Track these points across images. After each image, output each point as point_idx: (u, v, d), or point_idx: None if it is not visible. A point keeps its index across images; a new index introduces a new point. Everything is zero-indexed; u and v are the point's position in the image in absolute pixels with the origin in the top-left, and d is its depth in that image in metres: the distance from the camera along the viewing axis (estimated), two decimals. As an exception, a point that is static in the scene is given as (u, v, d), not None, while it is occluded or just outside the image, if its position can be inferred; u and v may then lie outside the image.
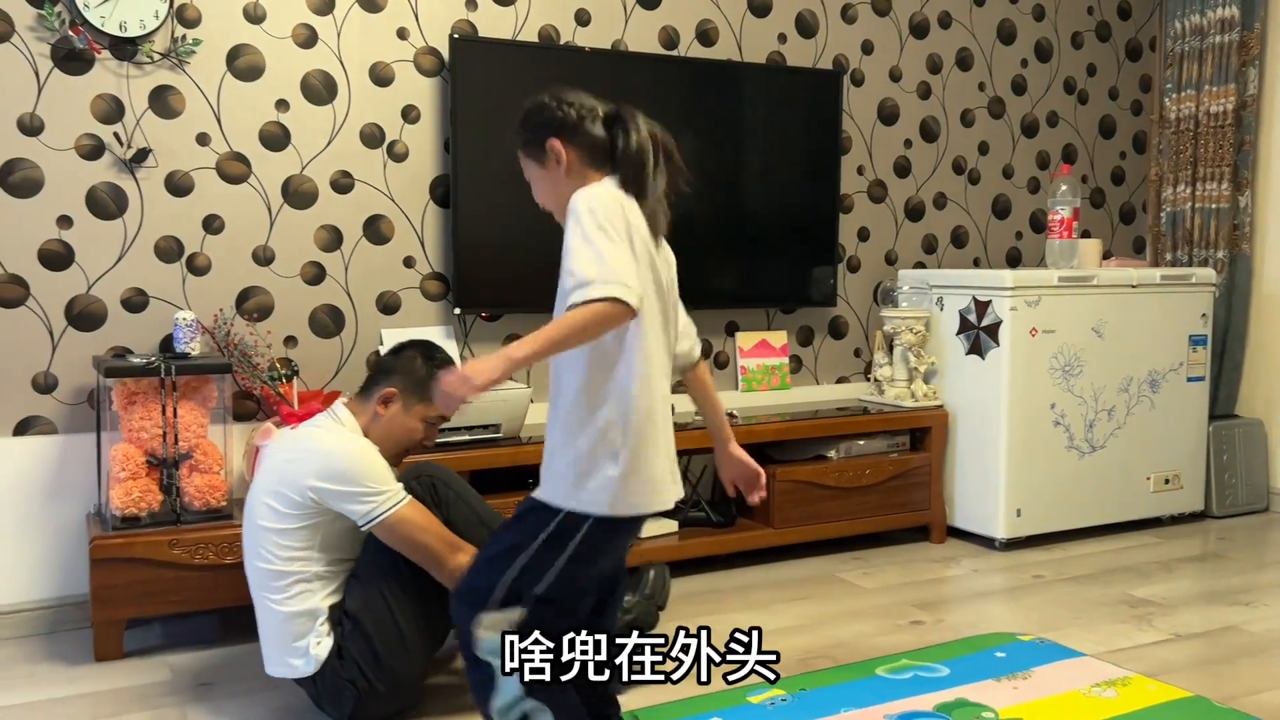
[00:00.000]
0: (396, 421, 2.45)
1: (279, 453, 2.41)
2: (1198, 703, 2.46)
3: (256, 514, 2.35)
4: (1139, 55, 4.74)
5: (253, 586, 2.38)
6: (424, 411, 2.47)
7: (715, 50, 3.83)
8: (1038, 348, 3.74)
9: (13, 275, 2.96)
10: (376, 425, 2.44)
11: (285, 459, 2.36)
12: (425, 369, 2.47)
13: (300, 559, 2.31)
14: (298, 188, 3.26)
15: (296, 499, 2.29)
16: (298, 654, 2.32)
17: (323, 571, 2.33)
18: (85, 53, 2.98)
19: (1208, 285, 4.12)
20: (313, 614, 2.32)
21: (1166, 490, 4.08)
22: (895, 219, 4.23)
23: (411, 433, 2.47)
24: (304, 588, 2.31)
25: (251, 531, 2.36)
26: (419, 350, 2.51)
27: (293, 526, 2.30)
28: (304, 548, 2.31)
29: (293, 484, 2.29)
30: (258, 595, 2.37)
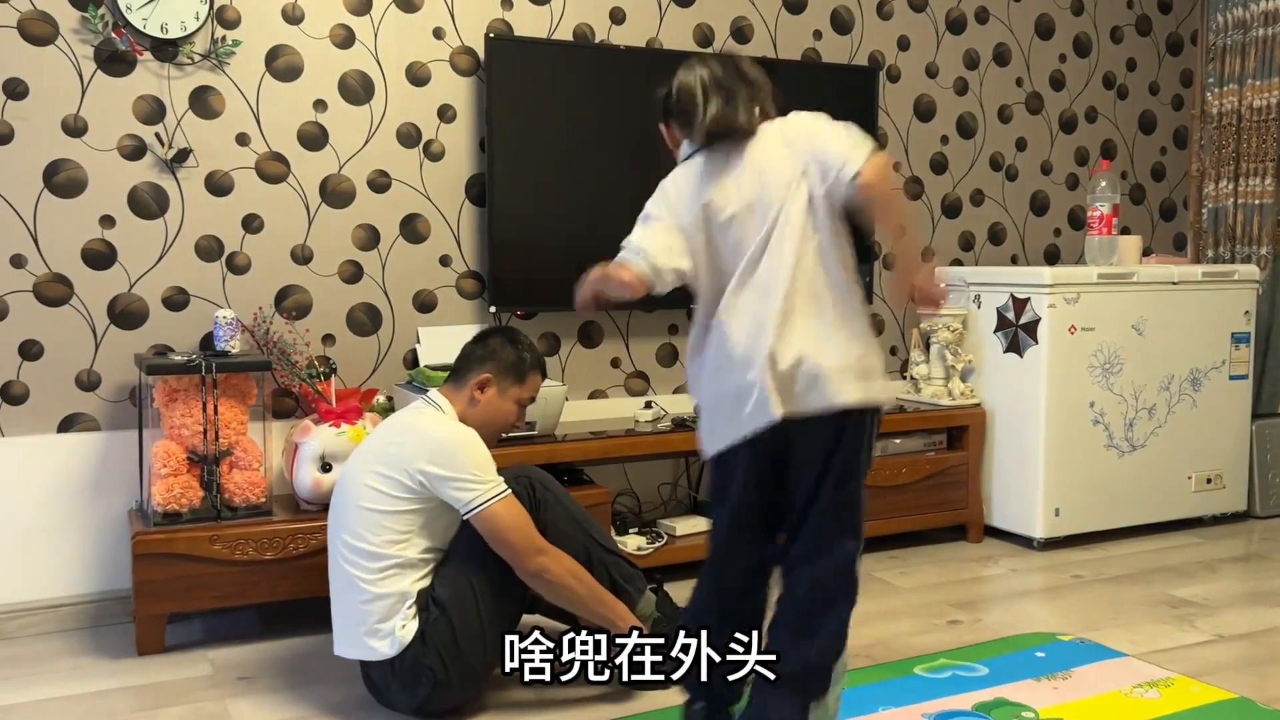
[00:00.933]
0: (493, 405, 2.51)
1: (383, 434, 2.45)
2: (1242, 704, 2.43)
3: (356, 494, 2.37)
4: (1180, 49, 4.68)
5: (340, 564, 2.38)
6: (518, 394, 2.55)
7: (750, 47, 3.82)
8: (1077, 345, 3.70)
9: (57, 274, 3.01)
10: (474, 410, 2.50)
11: (393, 441, 2.39)
12: (514, 353, 2.54)
13: (399, 543, 2.34)
14: (335, 187, 3.28)
15: (406, 482, 2.32)
16: (381, 635, 2.33)
17: (416, 559, 2.36)
18: (127, 54, 3.02)
19: (1251, 282, 4.06)
20: (403, 596, 2.34)
21: (1208, 490, 4.02)
22: (932, 216, 4.20)
23: (507, 415, 2.54)
24: (398, 571, 2.34)
25: (347, 510, 2.38)
26: (505, 337, 2.58)
27: (399, 509, 2.33)
28: (405, 532, 2.34)
29: (403, 467, 2.32)
30: (345, 574, 2.37)
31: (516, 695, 2.51)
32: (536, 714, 2.43)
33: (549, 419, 3.21)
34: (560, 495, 2.55)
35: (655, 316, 3.73)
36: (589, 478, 3.32)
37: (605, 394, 3.67)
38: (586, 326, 3.62)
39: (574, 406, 3.56)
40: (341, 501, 2.42)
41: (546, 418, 3.20)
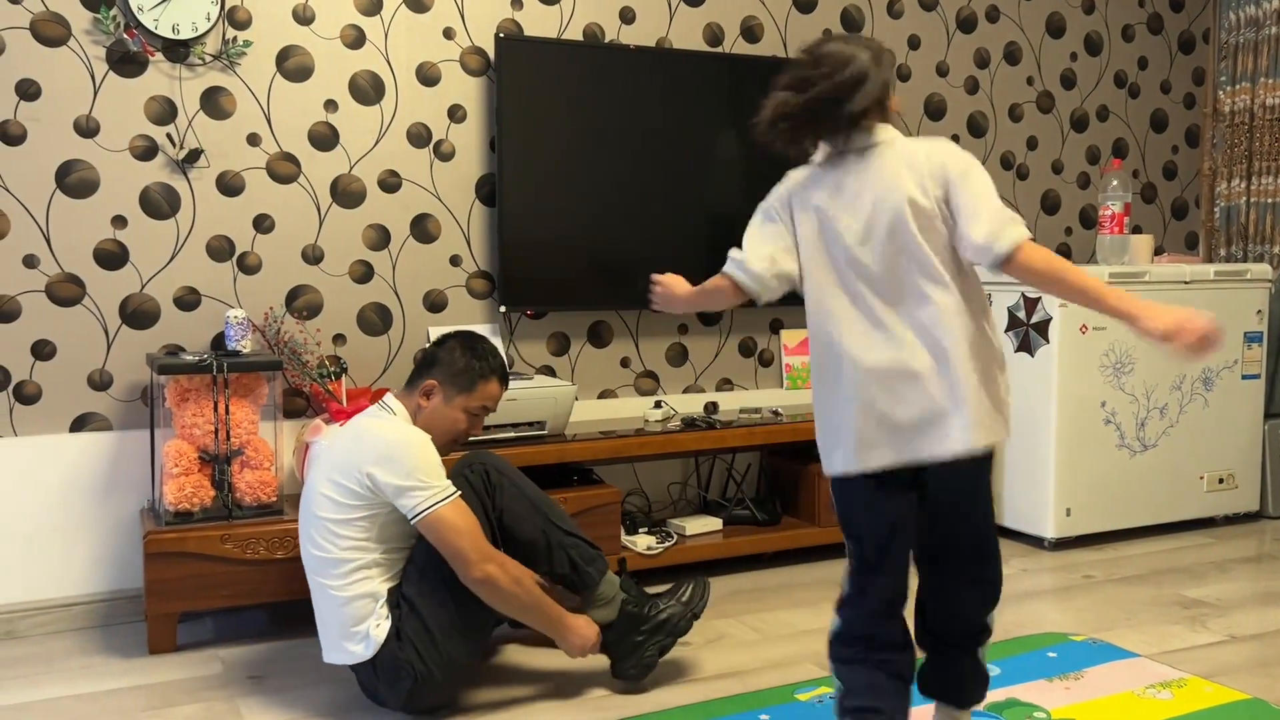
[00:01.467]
0: (438, 413, 2.48)
1: (337, 443, 2.44)
2: (1255, 705, 2.41)
3: (314, 503, 2.37)
4: (1192, 48, 4.66)
5: (310, 574, 2.40)
6: (465, 402, 2.49)
7: (760, 47, 3.81)
8: (1088, 345, 3.69)
9: (69, 274, 3.02)
10: (420, 417, 2.47)
11: (343, 447, 2.39)
12: (464, 360, 2.49)
13: (358, 548, 2.33)
14: (346, 187, 3.29)
15: (354, 488, 2.31)
16: (357, 638, 2.33)
17: (380, 559, 2.36)
18: (139, 55, 3.03)
19: (1264, 281, 4.04)
20: (373, 597, 2.34)
21: (1220, 490, 4.01)
22: (942, 215, 4.18)
23: (455, 423, 2.49)
24: (363, 574, 2.34)
25: (308, 520, 2.39)
26: (459, 341, 2.53)
27: (351, 517, 2.32)
28: (362, 538, 2.33)
29: (351, 471, 2.31)
30: (316, 583, 2.39)
31: (509, 692, 2.51)
32: (529, 709, 2.43)
33: (559, 419, 3.21)
34: (516, 479, 2.50)
35: (665, 316, 3.73)
36: (598, 477, 3.33)
37: (615, 393, 3.67)
38: (596, 326, 3.63)
39: (583, 406, 3.56)
40: (304, 512, 2.42)
41: (556, 417, 3.20)
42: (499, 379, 2.55)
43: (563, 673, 2.61)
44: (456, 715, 2.41)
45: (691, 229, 3.65)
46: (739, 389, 3.87)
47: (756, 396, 3.86)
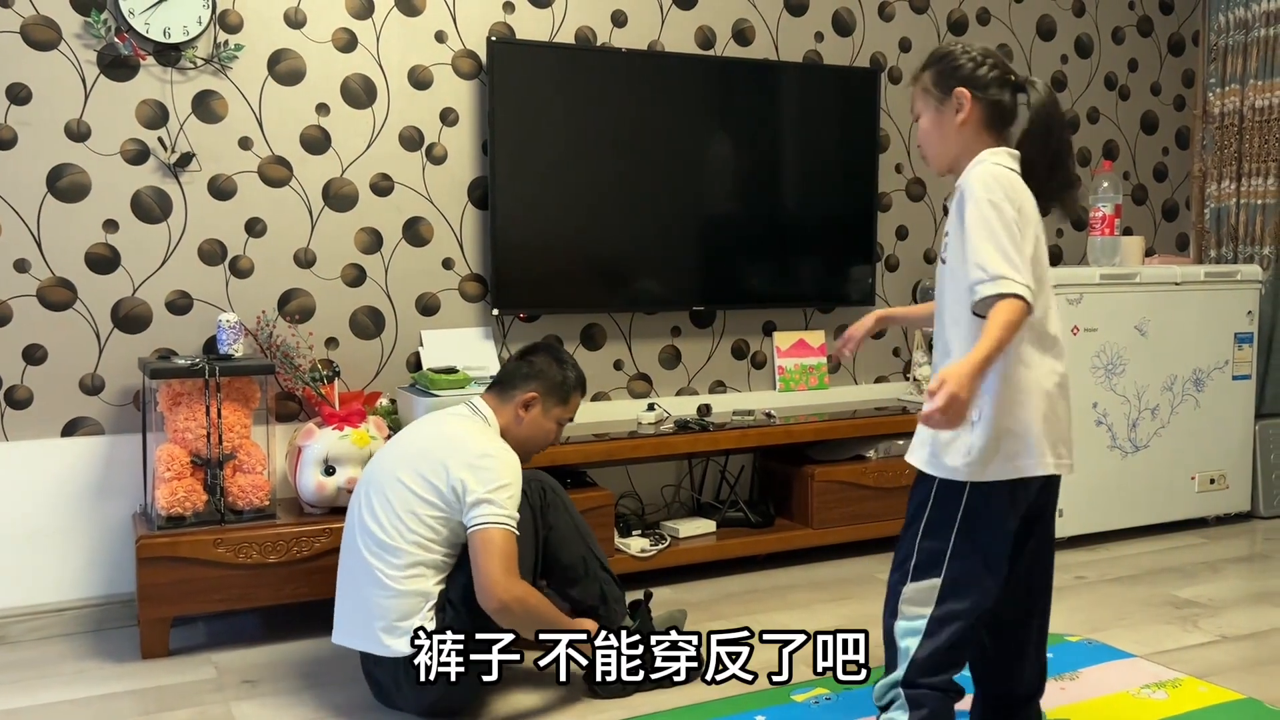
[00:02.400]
0: (537, 424, 2.55)
1: (426, 434, 2.43)
2: (1250, 705, 2.42)
3: (389, 488, 2.35)
4: (1181, 50, 4.68)
5: (363, 556, 2.36)
6: (560, 414, 2.58)
7: (752, 50, 3.82)
8: (1080, 346, 3.70)
9: (60, 279, 3.01)
10: (518, 428, 2.53)
11: (437, 444, 2.38)
12: (560, 373, 2.57)
13: (423, 544, 2.33)
14: (338, 190, 3.29)
15: (441, 487, 2.32)
16: (399, 634, 2.31)
17: (440, 560, 2.36)
18: (130, 59, 3.02)
19: (1254, 282, 4.06)
20: (425, 596, 2.33)
21: (1212, 490, 4.02)
22: (934, 217, 4.20)
23: (548, 434, 2.59)
24: (421, 570, 2.33)
25: (376, 502, 2.37)
26: (551, 356, 2.60)
27: (427, 513, 2.33)
28: (432, 536, 2.33)
29: (442, 472, 2.32)
30: (366, 566, 2.35)
31: (520, 699, 2.51)
32: (540, 714, 2.43)
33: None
34: (567, 502, 2.57)
35: (658, 319, 3.73)
36: (592, 480, 3.33)
37: (608, 396, 3.67)
38: (589, 329, 3.63)
39: (577, 409, 3.56)
40: (371, 491, 2.40)
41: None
42: (582, 389, 2.64)
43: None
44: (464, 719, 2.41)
45: (684, 231, 3.65)
46: (732, 391, 3.87)
47: (749, 399, 3.86)
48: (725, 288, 3.74)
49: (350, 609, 2.40)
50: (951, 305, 1.92)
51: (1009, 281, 1.77)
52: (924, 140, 2.03)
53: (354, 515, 2.43)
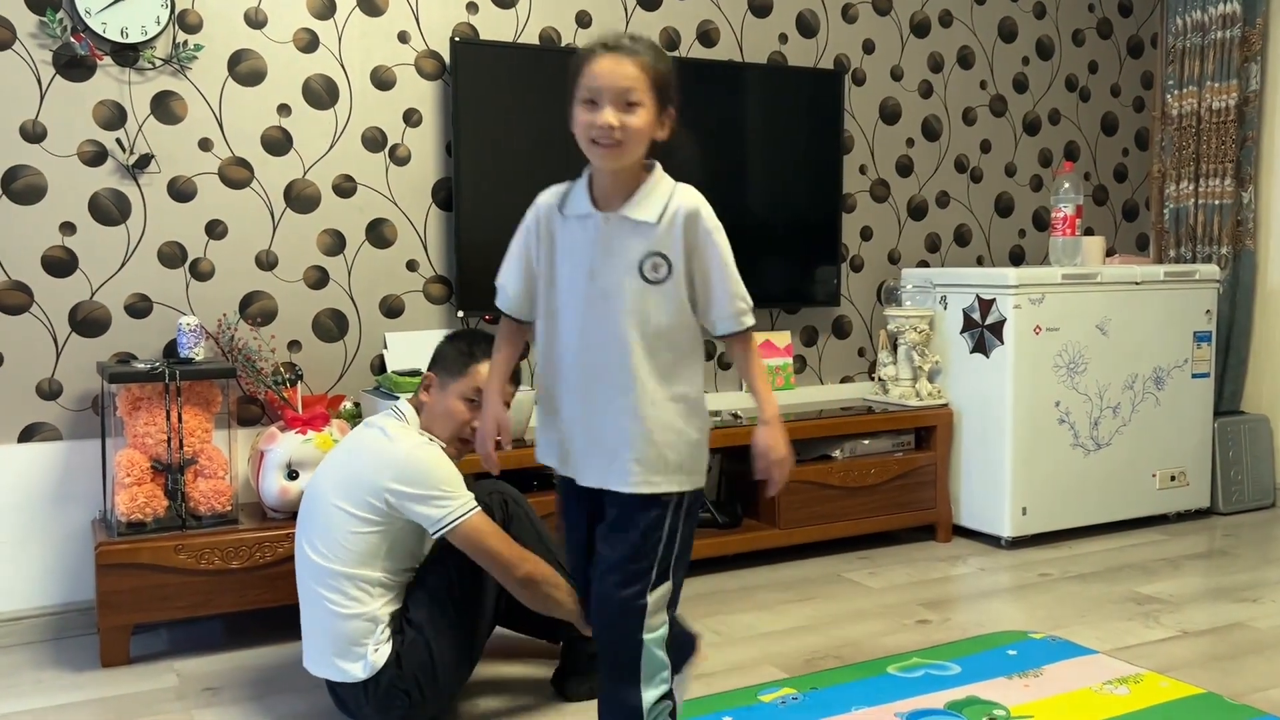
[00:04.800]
0: (439, 405, 2.46)
1: (349, 451, 2.38)
2: (1209, 699, 2.45)
3: (325, 513, 2.32)
4: (1140, 52, 4.74)
5: (306, 580, 2.35)
6: (460, 389, 2.46)
7: (716, 51, 3.82)
8: (1042, 346, 3.73)
9: (16, 282, 2.96)
10: (426, 412, 2.47)
11: (358, 459, 2.34)
12: (450, 348, 2.51)
13: (365, 564, 2.29)
14: (300, 192, 3.26)
15: (374, 502, 2.26)
16: (353, 658, 2.28)
17: (385, 580, 2.31)
18: (87, 59, 2.98)
19: (1212, 281, 4.11)
20: (374, 619, 2.29)
21: (1172, 487, 4.07)
22: (898, 218, 4.22)
23: (457, 414, 2.45)
24: (363, 592, 2.29)
25: (313, 528, 2.34)
26: (450, 336, 2.57)
27: (365, 531, 2.27)
28: (371, 555, 2.28)
29: (369, 486, 2.27)
30: (312, 591, 2.33)
31: (486, 704, 2.50)
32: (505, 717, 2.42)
33: (518, 424, 3.19)
34: (530, 513, 2.53)
35: (624, 320, 3.73)
36: (559, 482, 3.31)
37: (574, 398, 3.66)
38: (555, 330, 3.61)
39: (543, 411, 3.54)
40: (308, 517, 2.37)
41: (516, 423, 3.18)
42: (478, 358, 2.50)
43: (538, 681, 2.60)
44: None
45: (649, 233, 3.65)
46: (698, 392, 3.87)
47: (716, 400, 3.86)
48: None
49: (310, 636, 2.38)
50: (659, 329, 1.85)
51: (752, 314, 1.92)
52: (634, 135, 1.82)
53: (299, 540, 2.39)
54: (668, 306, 1.85)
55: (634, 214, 1.84)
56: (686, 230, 1.85)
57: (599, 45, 1.81)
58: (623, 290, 1.83)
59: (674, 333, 1.86)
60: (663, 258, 1.84)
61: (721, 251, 1.89)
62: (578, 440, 1.91)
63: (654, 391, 1.85)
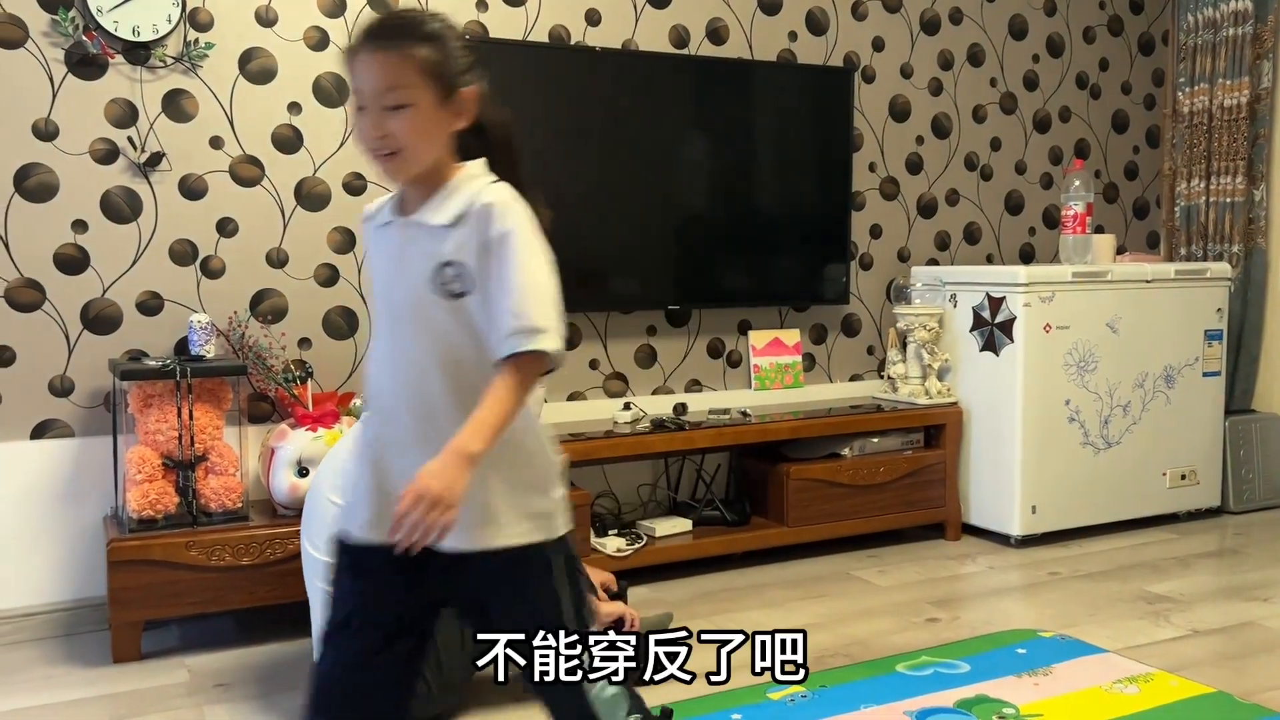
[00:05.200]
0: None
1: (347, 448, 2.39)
2: (1220, 698, 2.45)
3: (322, 509, 2.34)
4: (1151, 49, 4.72)
5: (311, 577, 2.37)
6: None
7: (726, 49, 3.82)
8: (1052, 344, 3.72)
9: (29, 279, 2.98)
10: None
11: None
12: None
13: None
14: (310, 190, 3.26)
15: None
16: None
17: None
18: (99, 58, 2.99)
19: (1223, 280, 4.10)
20: None
21: (1183, 486, 4.06)
22: (908, 216, 4.22)
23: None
24: None
25: (316, 526, 2.35)
26: None
27: None
28: None
29: None
30: (317, 588, 2.35)
31: (494, 699, 2.50)
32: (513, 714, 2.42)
33: (527, 421, 3.20)
34: None
35: (633, 318, 3.73)
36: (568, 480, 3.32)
37: (584, 395, 3.67)
38: (564, 328, 3.62)
39: (552, 408, 3.55)
40: (310, 515, 2.39)
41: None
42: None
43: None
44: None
45: (659, 230, 3.65)
46: (708, 390, 3.88)
47: (725, 397, 3.86)
48: (701, 287, 3.75)
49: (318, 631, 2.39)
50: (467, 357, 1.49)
51: (556, 338, 1.46)
52: (408, 140, 1.49)
53: (302, 541, 2.41)
54: (475, 328, 1.49)
55: (427, 218, 1.51)
56: (479, 230, 1.49)
57: (358, 36, 1.52)
58: (420, 309, 1.50)
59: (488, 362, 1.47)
60: (460, 268, 1.48)
61: (516, 254, 1.48)
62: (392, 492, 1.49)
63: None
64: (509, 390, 1.45)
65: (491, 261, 1.48)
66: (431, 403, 1.50)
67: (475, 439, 1.42)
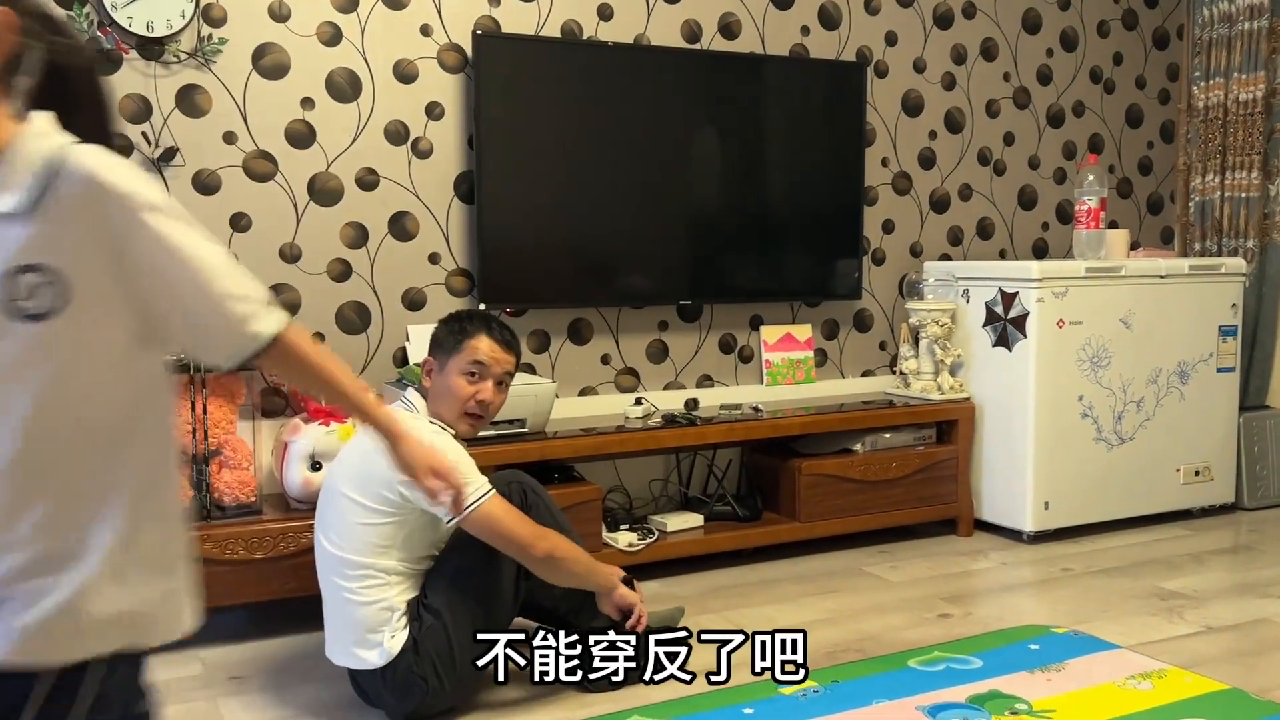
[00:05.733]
0: (441, 385, 2.48)
1: (361, 445, 2.37)
2: (1234, 695, 2.44)
3: (338, 504, 2.34)
4: (1166, 43, 4.70)
5: (325, 572, 2.38)
6: (457, 364, 2.47)
7: (738, 43, 3.82)
8: (1065, 339, 3.71)
9: (43, 274, 2.99)
10: (431, 396, 2.49)
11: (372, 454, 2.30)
12: (443, 328, 2.54)
13: (379, 554, 2.31)
14: (323, 185, 3.27)
15: (388, 495, 2.28)
16: (370, 645, 2.31)
17: (399, 568, 2.34)
18: (113, 53, 3.00)
19: (1238, 275, 4.08)
20: (390, 608, 2.32)
21: (1197, 482, 4.04)
22: (920, 211, 4.20)
23: (457, 389, 2.45)
24: (379, 581, 2.32)
25: (330, 520, 2.36)
26: (440, 321, 2.60)
27: (378, 523, 2.30)
28: (385, 545, 2.31)
29: (382, 480, 2.27)
30: (330, 582, 2.36)
31: (506, 693, 2.51)
32: (526, 711, 2.43)
33: (539, 416, 3.20)
34: (549, 503, 2.55)
35: (645, 313, 3.73)
36: (579, 474, 3.32)
37: (595, 391, 3.67)
38: (576, 323, 3.62)
39: (564, 404, 3.55)
40: (324, 510, 2.40)
41: (537, 415, 3.19)
42: (483, 330, 2.50)
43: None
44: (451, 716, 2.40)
45: (671, 224, 3.65)
46: (719, 385, 3.87)
47: (737, 393, 3.86)
48: (712, 282, 3.74)
49: (331, 626, 2.41)
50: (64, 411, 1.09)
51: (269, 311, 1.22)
52: None
53: (317, 533, 2.42)
54: (77, 363, 1.09)
55: None
56: (88, 214, 1.10)
57: None
58: None
59: (98, 412, 1.11)
60: (44, 273, 1.08)
61: (176, 234, 1.16)
62: None
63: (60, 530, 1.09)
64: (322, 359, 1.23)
65: (139, 253, 1.12)
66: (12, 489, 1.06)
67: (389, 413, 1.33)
